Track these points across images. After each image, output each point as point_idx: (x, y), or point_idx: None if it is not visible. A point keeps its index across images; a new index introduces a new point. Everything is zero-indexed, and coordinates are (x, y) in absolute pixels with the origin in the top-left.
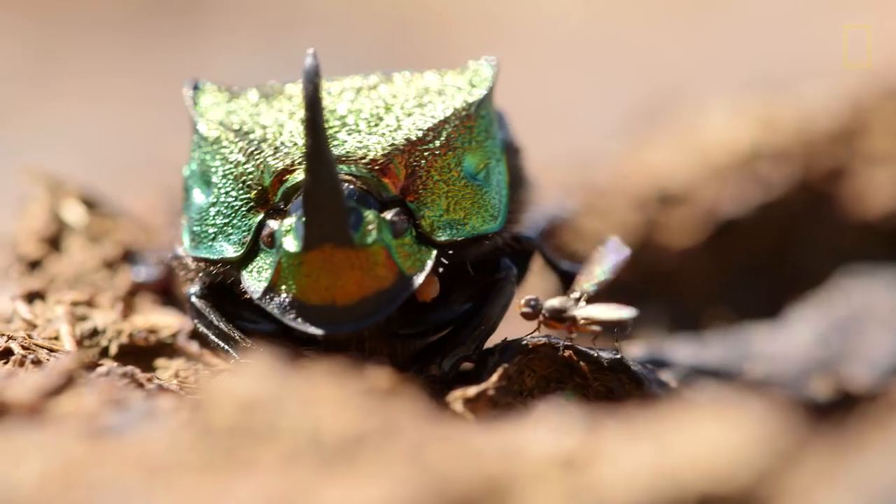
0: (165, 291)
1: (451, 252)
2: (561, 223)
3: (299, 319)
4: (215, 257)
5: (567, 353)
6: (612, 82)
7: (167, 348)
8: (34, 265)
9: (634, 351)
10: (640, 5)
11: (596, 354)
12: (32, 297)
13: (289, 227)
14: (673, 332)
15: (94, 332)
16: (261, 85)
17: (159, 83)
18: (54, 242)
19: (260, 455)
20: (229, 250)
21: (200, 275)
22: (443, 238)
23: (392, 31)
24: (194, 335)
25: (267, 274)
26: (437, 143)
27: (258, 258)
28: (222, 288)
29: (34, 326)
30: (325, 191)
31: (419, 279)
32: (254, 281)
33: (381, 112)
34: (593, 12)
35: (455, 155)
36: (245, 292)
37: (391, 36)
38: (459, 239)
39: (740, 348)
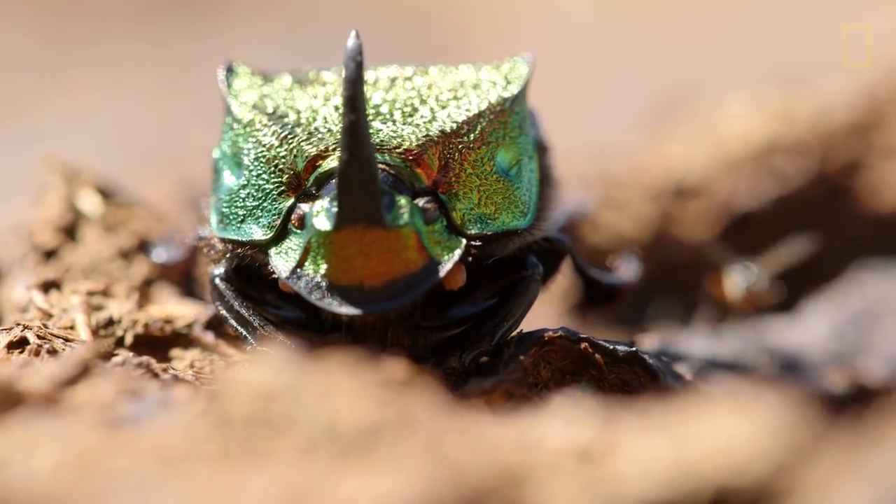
0: (187, 274)
1: (479, 245)
2: (581, 218)
3: (326, 299)
4: (244, 239)
5: (583, 345)
6: (630, 75)
7: (183, 338)
8: (50, 254)
9: (650, 343)
10: None
11: (611, 347)
12: (48, 286)
13: (320, 208)
14: (688, 324)
15: (110, 322)
16: (294, 70)
17: (175, 73)
18: (70, 232)
19: (276, 446)
20: (258, 233)
21: (227, 256)
22: (472, 231)
23: (410, 23)
24: (210, 324)
25: (296, 254)
26: (472, 136)
27: (287, 240)
28: (248, 271)
29: (50, 316)
30: (360, 169)
31: (447, 266)
32: (282, 261)
33: (417, 103)
34: (611, 5)
35: (489, 149)
36: (271, 275)
37: (409, 28)
38: (489, 233)
39: (755, 341)
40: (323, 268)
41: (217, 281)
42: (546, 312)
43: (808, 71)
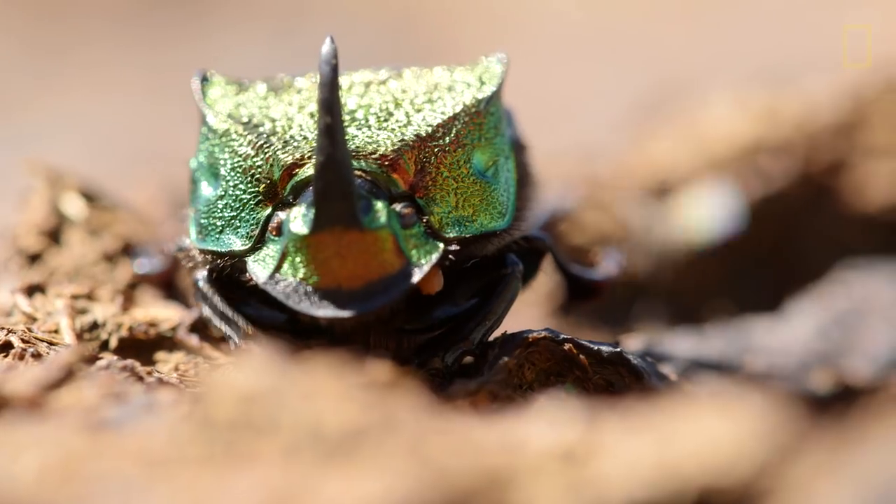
0: (168, 284)
1: (458, 248)
2: (562, 216)
3: (304, 303)
4: (222, 250)
5: (567, 346)
6: (616, 75)
7: (167, 342)
8: (34, 258)
9: (634, 344)
10: None
11: (596, 348)
12: (32, 290)
13: (297, 214)
14: (673, 325)
15: (94, 326)
16: (269, 78)
17: (163, 75)
18: (54, 235)
19: (260, 448)
20: (237, 243)
21: (207, 266)
22: (451, 234)
23: (397, 23)
24: (194, 327)
25: (273, 260)
26: (447, 139)
27: (265, 248)
28: (230, 279)
29: (34, 320)
30: (336, 171)
31: (425, 269)
32: (259, 267)
33: (391, 107)
34: (597, 6)
35: (464, 151)
36: (252, 283)
37: (396, 29)
38: (467, 235)
39: (740, 341)
40: (300, 272)
41: (201, 283)
42: (530, 314)
43: (793, 71)
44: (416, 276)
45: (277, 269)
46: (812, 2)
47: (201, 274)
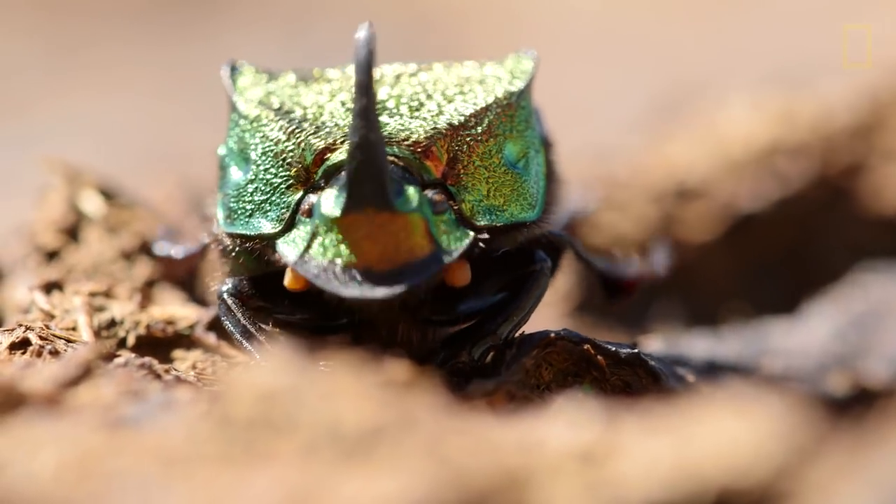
0: (191, 272)
1: (487, 237)
2: (583, 218)
3: (333, 283)
4: (252, 233)
5: (585, 346)
6: (632, 76)
7: (185, 339)
8: (52, 255)
9: (652, 345)
10: None
11: (613, 348)
12: (50, 287)
13: (328, 196)
14: (690, 326)
15: (112, 323)
16: (298, 69)
17: (176, 74)
18: (72, 233)
19: (278, 447)
20: (267, 226)
21: (234, 252)
22: (482, 222)
23: (411, 23)
24: (212, 325)
25: (303, 241)
26: (479, 129)
27: (295, 229)
28: (255, 282)
29: (52, 317)
30: (369, 152)
31: (455, 255)
32: (289, 248)
33: (423, 97)
34: (612, 6)
35: (496, 142)
36: (278, 273)
37: (410, 29)
38: (498, 224)
39: (758, 343)
40: (331, 252)
41: (225, 296)
42: (547, 313)
43: (809, 72)
44: (447, 260)
45: (307, 249)
46: (826, 3)
47: (225, 287)
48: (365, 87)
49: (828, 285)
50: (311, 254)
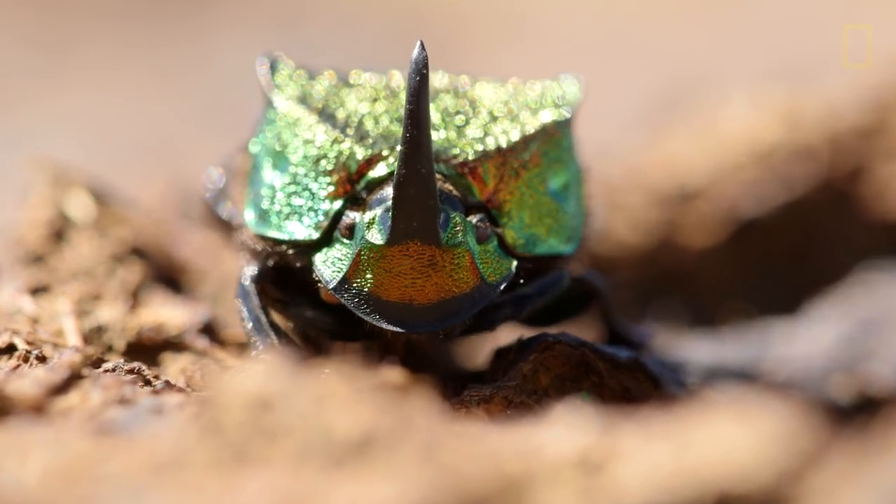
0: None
1: (530, 266)
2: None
3: (374, 315)
4: (285, 238)
5: (583, 351)
6: (632, 73)
7: (174, 344)
8: (39, 258)
9: (652, 349)
10: None
11: (612, 353)
12: (37, 290)
13: (372, 219)
14: (692, 330)
15: (100, 328)
16: (337, 69)
17: (166, 74)
18: (59, 235)
19: (270, 453)
20: (302, 233)
21: (262, 255)
22: (522, 251)
23: (404, 22)
24: (202, 330)
25: (343, 264)
26: (527, 154)
27: (334, 247)
28: (282, 272)
29: (39, 321)
30: (419, 186)
31: (499, 289)
32: (329, 270)
33: (469, 115)
34: (610, 2)
35: (541, 169)
36: (309, 280)
37: (402, 28)
38: (537, 254)
39: (760, 347)
40: (372, 282)
41: (247, 282)
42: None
43: (810, 70)
44: (490, 296)
45: (348, 275)
46: (827, 2)
47: (250, 272)
48: (418, 117)
49: (831, 289)
50: (351, 281)
